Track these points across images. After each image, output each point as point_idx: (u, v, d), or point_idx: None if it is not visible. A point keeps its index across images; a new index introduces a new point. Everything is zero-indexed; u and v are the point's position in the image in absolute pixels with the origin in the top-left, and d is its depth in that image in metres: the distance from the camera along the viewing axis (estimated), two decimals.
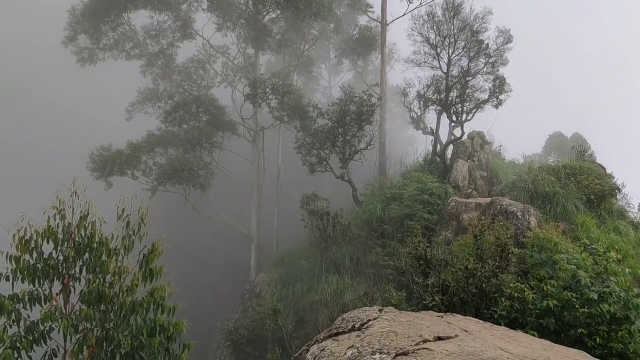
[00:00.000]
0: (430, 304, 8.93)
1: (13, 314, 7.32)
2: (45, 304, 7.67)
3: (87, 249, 7.96)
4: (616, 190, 17.62)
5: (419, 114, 26.11)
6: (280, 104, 28.11)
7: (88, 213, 8.06)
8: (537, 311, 8.26)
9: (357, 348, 4.50)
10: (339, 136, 24.42)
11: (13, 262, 7.52)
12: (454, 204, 16.90)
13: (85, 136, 40.03)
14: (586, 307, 7.96)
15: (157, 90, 33.63)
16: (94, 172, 27.08)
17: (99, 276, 7.92)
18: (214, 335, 23.34)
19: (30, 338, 7.33)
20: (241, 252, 32.52)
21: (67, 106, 51.78)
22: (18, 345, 7.18)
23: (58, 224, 7.92)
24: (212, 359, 23.03)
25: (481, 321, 6.44)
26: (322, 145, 24.70)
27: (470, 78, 23.67)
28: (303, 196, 21.97)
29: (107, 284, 7.91)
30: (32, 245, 7.64)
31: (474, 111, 23.57)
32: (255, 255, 30.41)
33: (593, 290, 8.17)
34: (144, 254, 8.29)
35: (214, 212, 31.38)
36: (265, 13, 31.19)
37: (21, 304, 7.49)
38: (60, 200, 7.95)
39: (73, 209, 8.06)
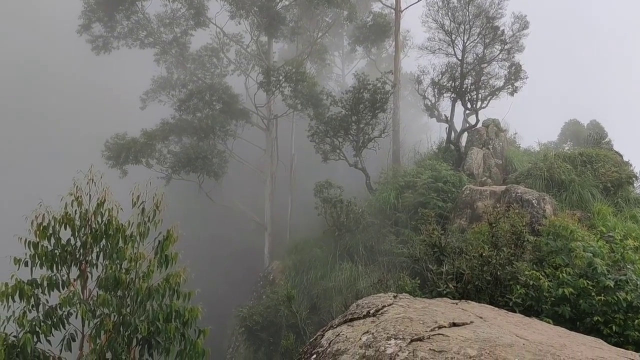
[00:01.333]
0: (445, 292, 8.92)
1: (32, 299, 7.44)
2: (63, 290, 7.78)
3: (104, 236, 8.04)
4: (633, 178, 17.40)
5: (433, 101, 25.93)
6: (293, 92, 28.04)
7: (104, 200, 8.13)
8: (553, 299, 8.21)
9: (372, 333, 4.51)
10: (353, 124, 24.35)
11: (31, 248, 7.63)
12: (468, 191, 16.81)
13: (100, 124, 40.31)
14: (602, 295, 7.91)
15: (171, 78, 33.70)
16: (109, 160, 27.27)
17: (116, 262, 8.00)
18: (228, 322, 23.57)
19: (49, 323, 7.44)
20: (255, 240, 32.69)
21: (82, 94, 52.09)
22: (37, 329, 7.30)
23: (75, 210, 8.00)
24: (227, 345, 23.28)
25: (496, 308, 6.42)
26: (336, 133, 24.66)
27: (486, 65, 23.45)
28: (316, 184, 21.98)
29: (124, 270, 8.00)
30: (50, 232, 7.73)
31: (489, 98, 23.37)
32: (269, 243, 30.55)
33: (609, 278, 8.11)
34: (159, 241, 8.36)
35: (228, 201, 31.54)
36: (278, 0, 31.05)
37: (40, 289, 7.60)
38: (77, 187, 8.02)
39: (90, 195, 8.13)
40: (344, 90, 26.58)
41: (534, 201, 13.96)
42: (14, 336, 7.22)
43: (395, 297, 5.82)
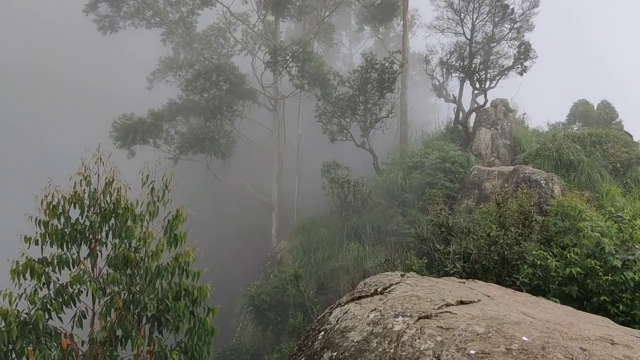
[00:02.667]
0: (452, 271, 8.95)
1: (43, 277, 7.52)
2: (73, 268, 7.86)
3: (113, 215, 8.09)
4: None
5: (441, 81, 25.72)
6: (300, 72, 27.87)
7: (113, 179, 8.17)
8: (560, 279, 8.23)
9: (380, 311, 4.54)
10: (360, 104, 24.24)
11: (42, 227, 7.70)
12: (476, 172, 16.76)
13: (107, 105, 40.33)
14: (610, 274, 7.90)
15: (178, 58, 33.57)
16: (117, 140, 27.34)
17: (125, 241, 8.06)
18: (236, 301, 23.78)
19: (60, 300, 7.54)
20: (262, 220, 32.83)
21: (89, 75, 52.03)
22: (49, 307, 7.40)
23: (84, 190, 8.05)
24: (235, 324, 23.53)
25: (503, 287, 6.45)
26: (343, 114, 24.57)
27: (495, 44, 23.19)
28: (324, 164, 21.97)
29: (133, 249, 8.06)
30: (60, 211, 7.79)
31: (497, 78, 23.12)
32: (276, 223, 30.67)
33: (617, 258, 8.10)
34: (168, 220, 8.40)
35: (235, 181, 31.63)
36: None
37: (50, 267, 7.69)
38: (85, 166, 8.06)
39: (98, 175, 8.17)
40: (352, 70, 26.41)
41: (542, 181, 13.91)
42: (26, 313, 7.32)
43: (402, 275, 5.85)
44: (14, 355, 7.21)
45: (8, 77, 50.67)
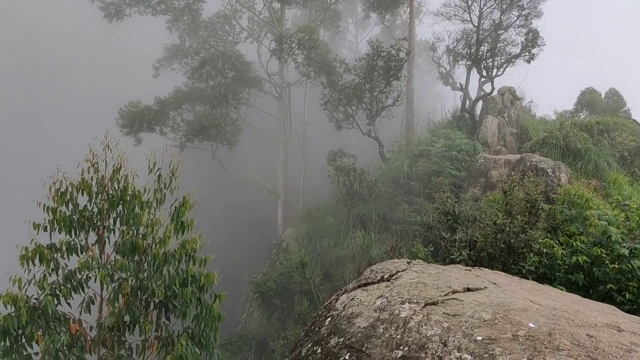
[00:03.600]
0: (458, 259, 8.95)
1: (52, 263, 7.59)
2: (81, 254, 7.93)
3: (121, 202, 8.14)
4: None
5: (448, 69, 25.63)
6: (306, 60, 27.78)
7: (121, 166, 8.20)
8: (566, 267, 8.22)
9: (387, 298, 4.57)
10: (366, 92, 24.16)
11: (50, 213, 7.76)
12: (482, 160, 16.72)
13: (113, 92, 40.35)
14: (616, 263, 7.89)
15: (184, 46, 33.49)
16: (123, 128, 27.37)
17: (133, 228, 8.12)
18: (242, 288, 23.94)
19: (69, 286, 7.62)
20: (268, 208, 32.92)
21: (94, 62, 52.06)
22: (57, 292, 7.48)
23: (92, 177, 8.09)
24: (241, 311, 23.70)
25: (509, 275, 6.45)
26: (349, 102, 24.51)
27: (502, 31, 23.02)
28: (329, 152, 21.96)
29: (141, 236, 8.12)
30: (68, 197, 7.84)
31: (505, 66, 22.98)
32: (282, 211, 30.75)
33: (624, 247, 8.08)
34: (175, 207, 8.44)
35: (241, 169, 31.68)
36: None
37: (59, 253, 7.75)
38: (93, 153, 8.09)
39: (106, 162, 8.20)
40: (358, 57, 26.29)
41: (549, 170, 13.86)
42: (35, 298, 7.40)
43: (409, 263, 5.87)
44: (23, 340, 7.30)
45: (17, 63, 50.78)
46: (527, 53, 22.30)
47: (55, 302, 7.42)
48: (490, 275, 5.85)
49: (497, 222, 9.08)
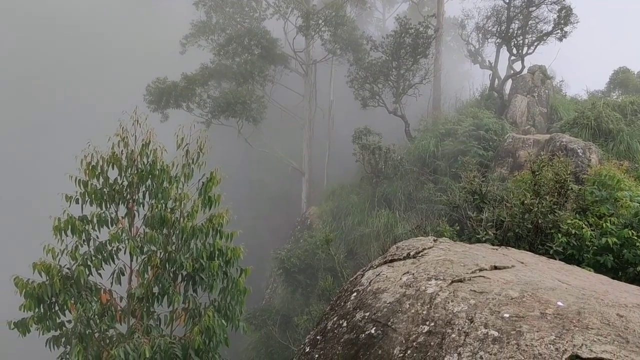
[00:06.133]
0: (484, 238, 8.89)
1: (83, 234, 7.79)
2: (112, 226, 8.11)
3: (150, 176, 8.28)
4: None
5: (477, 47, 25.17)
6: (333, 37, 27.56)
7: (150, 141, 8.32)
8: (595, 248, 8.10)
9: (413, 274, 4.58)
10: (393, 70, 23.89)
11: (81, 186, 7.93)
12: (510, 140, 16.48)
13: (141, 69, 40.70)
14: None
15: (210, 23, 33.43)
16: (151, 104, 27.63)
17: (161, 202, 8.26)
18: (266, 264, 24.22)
19: (100, 257, 7.82)
20: (292, 186, 33.07)
21: (122, 40, 52.45)
22: (89, 263, 7.68)
23: (122, 151, 8.23)
24: (265, 286, 24.03)
25: (536, 255, 6.40)
26: (375, 79, 24.28)
27: (534, 8, 22.40)
28: (355, 130, 21.87)
29: (169, 210, 8.26)
30: (99, 171, 8.00)
31: (535, 44, 22.42)
32: (306, 189, 30.84)
33: None
34: (202, 182, 8.55)
35: (266, 146, 31.78)
36: None
37: (90, 225, 7.95)
38: (123, 128, 8.21)
39: (135, 137, 8.33)
40: (385, 34, 25.95)
41: (579, 150, 13.60)
42: (68, 268, 7.63)
43: (435, 240, 5.85)
44: (56, 308, 7.54)
45: (50, 39, 51.48)
46: (559, 31, 21.70)
47: (87, 272, 7.64)
48: (517, 254, 5.81)
49: (525, 202, 8.97)
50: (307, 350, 4.45)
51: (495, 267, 4.71)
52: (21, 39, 51.30)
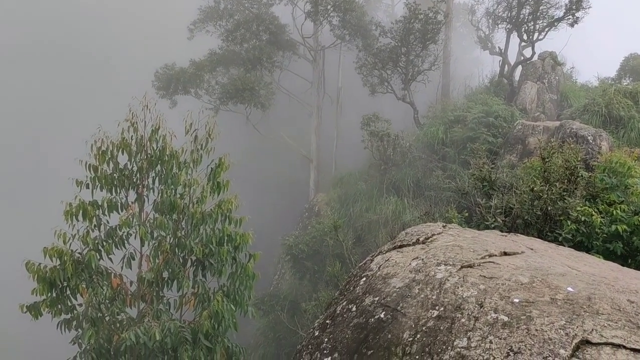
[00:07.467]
0: (492, 225, 8.88)
1: (94, 219, 7.86)
2: (122, 212, 8.18)
3: (159, 161, 8.32)
4: None
5: (487, 32, 24.90)
6: (341, 22, 27.37)
7: (159, 127, 8.35)
8: (604, 235, 8.07)
9: (422, 259, 4.58)
10: (402, 56, 23.72)
11: (92, 171, 7.99)
12: (520, 127, 16.38)
13: (149, 55, 40.64)
14: None
15: (218, 8, 33.21)
16: (159, 90, 27.65)
17: (171, 187, 8.31)
18: (274, 250, 24.30)
19: (111, 242, 7.89)
20: (300, 172, 33.05)
21: (129, 25, 52.36)
22: (100, 248, 7.76)
23: (132, 136, 8.26)
24: (273, 272, 24.15)
25: (546, 242, 6.39)
26: (384, 66, 24.13)
27: None
28: (363, 117, 21.81)
29: (179, 195, 8.31)
30: (109, 156, 8.05)
31: (546, 30, 22.15)
32: (314, 176, 30.83)
33: None
34: (211, 168, 8.59)
35: (274, 133, 31.76)
36: None
37: (101, 210, 8.01)
38: (132, 113, 8.24)
39: (145, 122, 8.36)
40: (394, 20, 25.74)
41: (589, 137, 13.49)
42: (79, 253, 7.71)
43: (444, 226, 5.85)
44: (68, 292, 7.64)
45: (57, 24, 51.46)
46: (570, 16, 21.41)
47: (98, 257, 7.72)
48: (526, 240, 5.80)
49: (535, 188, 8.93)
50: (317, 334, 4.48)
51: (505, 253, 4.71)
52: (27, 22, 51.36)
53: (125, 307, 8.03)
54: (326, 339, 4.27)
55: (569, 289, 3.62)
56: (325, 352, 4.13)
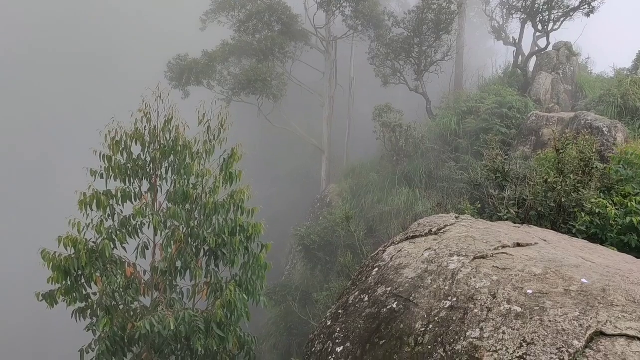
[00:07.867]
0: (505, 217, 8.82)
1: (108, 209, 7.93)
2: (135, 201, 8.24)
3: (172, 152, 8.36)
4: None
5: (501, 23, 24.63)
6: (354, 12, 27.20)
7: (172, 117, 8.38)
8: (619, 227, 7.99)
9: (435, 250, 4.58)
10: (415, 46, 23.53)
11: (106, 161, 8.05)
12: (534, 118, 16.22)
13: (161, 46, 40.74)
14: None
15: None
16: (172, 81, 27.70)
17: (184, 177, 8.36)
18: (286, 241, 24.39)
19: (124, 231, 7.96)
20: (312, 163, 33.06)
21: (144, 15, 52.55)
22: (114, 237, 7.84)
23: (145, 126, 8.31)
24: (285, 263, 24.24)
25: (559, 233, 6.35)
26: (397, 56, 23.96)
27: None
28: (376, 108, 21.71)
29: (192, 185, 8.35)
30: (123, 146, 8.11)
31: (562, 20, 21.83)
32: (326, 167, 30.80)
33: None
34: (224, 158, 8.62)
35: (286, 124, 31.74)
36: None
37: (114, 200, 8.08)
38: (146, 104, 8.28)
39: (158, 112, 8.40)
40: (407, 10, 25.54)
41: (604, 129, 13.33)
42: (93, 242, 7.78)
43: (457, 217, 5.83)
44: (83, 280, 7.73)
45: (70, 15, 51.78)
46: (586, 6, 21.08)
47: (112, 246, 7.80)
48: (540, 232, 5.77)
49: (549, 180, 8.86)
50: (329, 323, 4.50)
51: (518, 244, 4.69)
52: (40, 15, 51.70)
53: (139, 296, 8.12)
54: (338, 329, 4.29)
55: (583, 280, 3.60)
56: (337, 341, 4.16)
